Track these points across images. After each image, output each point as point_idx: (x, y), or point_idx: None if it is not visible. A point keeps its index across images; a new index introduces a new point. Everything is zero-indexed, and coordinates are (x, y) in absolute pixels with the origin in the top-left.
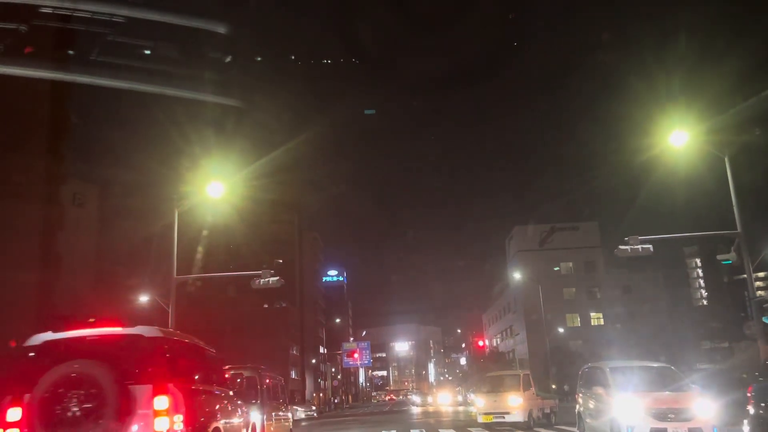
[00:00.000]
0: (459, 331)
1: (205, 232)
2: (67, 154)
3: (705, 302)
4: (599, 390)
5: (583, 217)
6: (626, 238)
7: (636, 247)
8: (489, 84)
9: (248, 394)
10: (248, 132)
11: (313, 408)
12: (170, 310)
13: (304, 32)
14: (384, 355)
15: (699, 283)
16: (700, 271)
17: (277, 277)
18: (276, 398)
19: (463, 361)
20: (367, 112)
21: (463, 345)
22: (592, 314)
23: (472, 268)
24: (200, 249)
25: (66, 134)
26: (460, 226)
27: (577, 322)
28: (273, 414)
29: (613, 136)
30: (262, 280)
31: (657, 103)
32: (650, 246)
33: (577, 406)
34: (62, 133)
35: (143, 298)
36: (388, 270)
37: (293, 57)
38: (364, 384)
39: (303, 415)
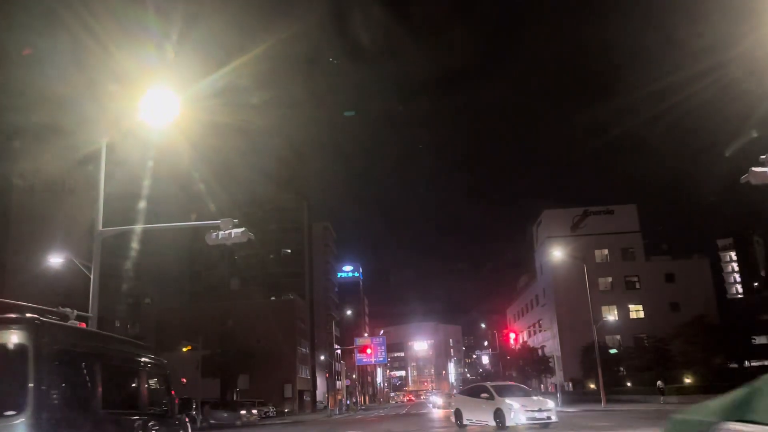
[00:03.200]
0: (483, 326)
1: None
2: None
3: (740, 296)
4: None
5: (619, 200)
6: (762, 157)
7: None
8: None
9: None
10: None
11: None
12: (92, 275)
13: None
14: (402, 354)
15: (734, 278)
16: (735, 265)
17: (243, 229)
18: (132, 405)
19: (485, 359)
20: (346, 113)
21: (486, 343)
22: (631, 306)
23: (494, 262)
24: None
25: None
26: (481, 218)
27: (614, 315)
28: None
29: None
30: (221, 233)
31: None
32: None
33: None
34: None
35: (56, 259)
36: (405, 268)
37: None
38: (382, 384)
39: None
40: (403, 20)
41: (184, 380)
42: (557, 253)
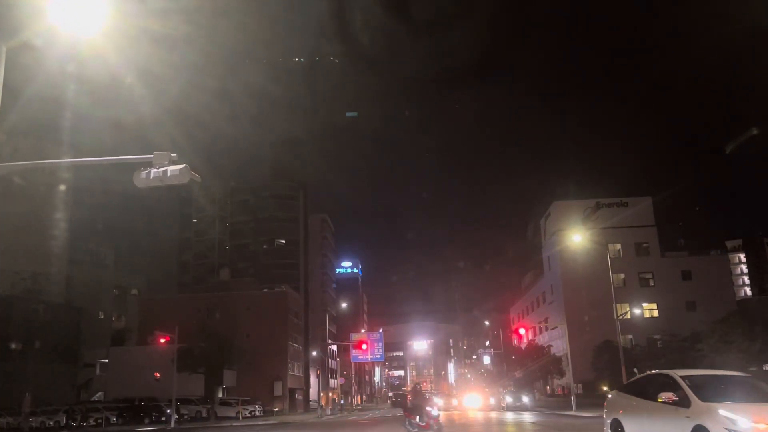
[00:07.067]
0: (487, 323)
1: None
2: None
3: (749, 298)
4: None
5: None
6: None
7: None
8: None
9: None
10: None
11: None
12: None
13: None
14: (401, 353)
15: (743, 280)
16: (744, 267)
17: (183, 165)
18: None
19: (486, 359)
20: (348, 114)
21: (487, 343)
22: (645, 304)
23: (497, 260)
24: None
25: None
26: (483, 216)
27: (628, 313)
28: None
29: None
30: (153, 171)
31: None
32: None
33: None
34: None
35: None
36: (406, 267)
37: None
38: (380, 384)
39: None
40: (405, 20)
41: (158, 375)
42: (576, 237)
